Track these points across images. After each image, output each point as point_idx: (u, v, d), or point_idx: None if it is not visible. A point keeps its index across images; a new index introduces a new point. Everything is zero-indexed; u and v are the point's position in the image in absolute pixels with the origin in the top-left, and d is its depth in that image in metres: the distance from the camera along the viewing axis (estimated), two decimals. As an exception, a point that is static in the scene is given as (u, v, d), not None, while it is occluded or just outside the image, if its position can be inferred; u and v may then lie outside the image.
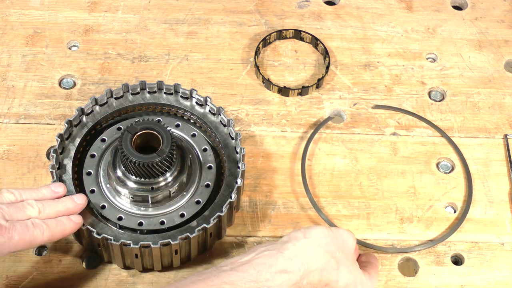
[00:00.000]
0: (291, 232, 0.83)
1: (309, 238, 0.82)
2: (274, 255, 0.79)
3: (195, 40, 1.16)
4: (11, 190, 0.86)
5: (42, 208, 0.85)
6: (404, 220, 0.99)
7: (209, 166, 0.97)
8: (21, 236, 0.81)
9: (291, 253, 0.80)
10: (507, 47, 1.18)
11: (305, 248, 0.81)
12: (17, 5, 1.18)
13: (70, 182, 0.93)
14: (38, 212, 0.84)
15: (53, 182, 0.90)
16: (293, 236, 0.82)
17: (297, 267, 0.79)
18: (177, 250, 0.89)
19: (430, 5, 1.23)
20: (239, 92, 1.10)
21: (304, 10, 1.21)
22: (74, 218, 0.87)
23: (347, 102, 1.10)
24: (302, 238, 0.82)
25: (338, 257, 0.82)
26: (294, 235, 0.82)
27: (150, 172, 0.89)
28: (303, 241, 0.81)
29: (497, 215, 1.00)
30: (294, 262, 0.79)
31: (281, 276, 0.78)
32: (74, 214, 0.87)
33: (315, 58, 1.16)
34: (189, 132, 1.00)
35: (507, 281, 0.94)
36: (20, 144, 1.03)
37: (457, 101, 1.11)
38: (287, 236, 0.83)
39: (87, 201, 0.90)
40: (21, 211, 0.83)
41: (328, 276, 0.81)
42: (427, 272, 0.95)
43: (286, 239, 0.82)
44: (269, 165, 1.03)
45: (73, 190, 0.92)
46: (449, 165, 1.05)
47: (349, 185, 1.02)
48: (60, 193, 0.89)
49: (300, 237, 0.82)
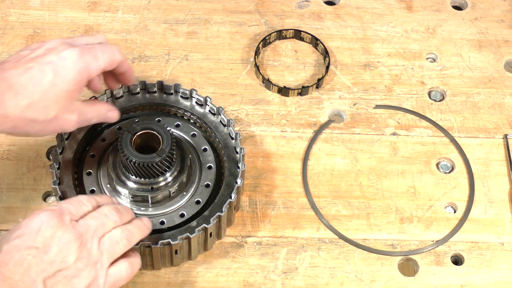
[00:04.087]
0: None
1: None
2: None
3: (195, 40, 1.16)
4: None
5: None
6: (404, 220, 0.99)
7: (209, 166, 0.97)
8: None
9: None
10: (507, 47, 1.18)
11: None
12: (17, 5, 1.18)
13: (70, 182, 0.93)
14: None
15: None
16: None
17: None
18: (177, 250, 0.89)
19: (430, 5, 1.23)
20: (239, 92, 1.10)
21: (304, 10, 1.21)
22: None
23: (347, 102, 1.10)
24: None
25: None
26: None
27: (150, 172, 0.89)
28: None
29: (497, 215, 1.00)
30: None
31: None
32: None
33: (315, 58, 1.16)
34: (189, 132, 1.00)
35: (507, 281, 0.94)
36: (20, 144, 1.03)
37: (457, 101, 1.11)
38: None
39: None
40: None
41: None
42: (427, 272, 0.95)
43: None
44: (269, 165, 1.03)
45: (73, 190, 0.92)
46: (449, 165, 1.05)
47: (349, 185, 1.02)
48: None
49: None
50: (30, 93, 0.82)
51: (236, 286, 0.93)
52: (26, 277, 0.73)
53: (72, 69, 0.84)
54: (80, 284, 0.76)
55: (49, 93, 0.83)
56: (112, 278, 0.79)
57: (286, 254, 0.95)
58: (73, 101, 0.86)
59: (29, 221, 0.77)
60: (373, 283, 0.94)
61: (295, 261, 0.95)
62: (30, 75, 0.82)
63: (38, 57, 0.84)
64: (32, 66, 0.83)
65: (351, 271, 0.94)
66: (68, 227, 0.77)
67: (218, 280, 0.93)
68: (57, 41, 0.87)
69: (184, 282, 0.93)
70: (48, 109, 0.83)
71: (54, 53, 0.84)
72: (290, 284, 0.93)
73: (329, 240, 0.97)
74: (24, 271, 0.73)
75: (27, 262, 0.74)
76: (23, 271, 0.73)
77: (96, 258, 0.78)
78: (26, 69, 0.83)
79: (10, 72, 0.82)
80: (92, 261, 0.77)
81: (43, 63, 0.83)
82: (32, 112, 0.82)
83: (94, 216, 0.80)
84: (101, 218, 0.80)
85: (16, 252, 0.74)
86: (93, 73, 0.86)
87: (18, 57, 0.85)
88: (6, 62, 0.85)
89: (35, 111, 0.83)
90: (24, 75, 0.82)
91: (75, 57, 0.84)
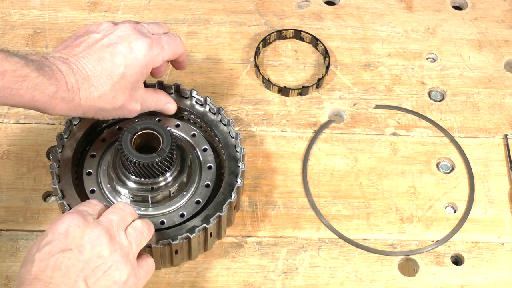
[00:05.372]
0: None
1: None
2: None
3: (195, 40, 1.16)
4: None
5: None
6: (404, 220, 0.99)
7: (209, 166, 0.97)
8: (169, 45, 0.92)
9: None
10: (507, 47, 1.18)
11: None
12: (17, 5, 1.18)
13: (70, 182, 0.92)
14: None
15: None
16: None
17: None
18: (177, 250, 0.89)
19: (430, 5, 1.23)
20: (239, 92, 1.10)
21: (304, 10, 1.21)
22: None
23: (347, 102, 1.10)
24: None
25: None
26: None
27: (150, 172, 0.89)
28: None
29: (497, 215, 1.00)
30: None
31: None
32: None
33: (315, 58, 1.16)
34: (189, 132, 1.00)
35: (507, 281, 0.94)
36: (20, 144, 1.03)
37: (457, 101, 1.11)
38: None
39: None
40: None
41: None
42: (427, 272, 0.95)
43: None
44: (269, 165, 1.03)
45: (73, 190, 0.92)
46: (449, 165, 1.05)
47: (349, 185, 1.02)
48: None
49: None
50: (102, 84, 0.87)
51: (236, 286, 0.93)
52: (66, 279, 0.73)
53: (142, 61, 0.89)
54: (121, 275, 0.76)
55: (119, 84, 0.88)
56: (145, 268, 0.80)
57: (286, 254, 0.95)
58: (138, 90, 0.91)
59: (54, 226, 0.77)
60: (373, 283, 0.94)
61: (295, 261, 0.95)
62: (103, 66, 0.87)
63: (110, 46, 0.88)
64: (105, 57, 0.87)
65: (351, 271, 0.94)
66: (93, 224, 0.78)
67: (218, 280, 0.93)
68: (127, 28, 0.90)
69: (184, 282, 0.93)
70: (116, 99, 0.88)
71: (125, 44, 0.88)
72: (290, 284, 0.93)
73: (329, 240, 0.97)
74: (63, 274, 0.73)
75: (64, 265, 0.74)
76: (62, 274, 0.73)
77: (128, 249, 0.78)
78: (99, 59, 0.86)
79: (85, 61, 0.86)
80: (125, 251, 0.78)
81: (115, 54, 0.87)
82: (102, 102, 0.87)
83: (113, 212, 0.81)
84: (119, 212, 0.81)
85: (50, 257, 0.74)
86: (158, 64, 0.91)
87: (90, 40, 0.88)
88: (77, 46, 0.88)
89: (105, 101, 0.88)
90: (97, 66, 0.86)
91: (144, 50, 0.89)
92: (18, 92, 0.81)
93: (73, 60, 0.86)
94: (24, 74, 0.81)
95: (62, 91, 0.84)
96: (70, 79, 0.85)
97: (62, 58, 0.86)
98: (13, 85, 0.81)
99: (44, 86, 0.83)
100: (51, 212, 0.97)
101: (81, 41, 0.89)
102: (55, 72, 0.84)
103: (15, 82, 0.81)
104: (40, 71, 0.82)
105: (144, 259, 0.82)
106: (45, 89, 0.83)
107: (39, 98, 0.83)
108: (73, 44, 0.89)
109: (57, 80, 0.84)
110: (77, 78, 0.85)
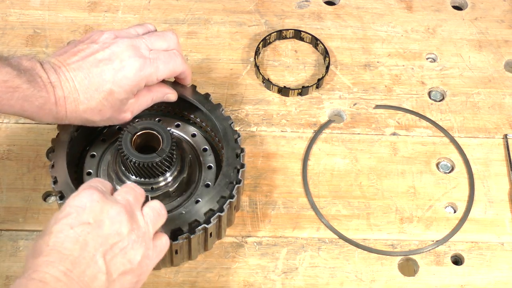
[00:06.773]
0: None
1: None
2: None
3: (195, 40, 1.16)
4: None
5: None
6: (404, 220, 0.99)
7: (209, 166, 0.97)
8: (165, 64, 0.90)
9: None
10: (507, 47, 1.18)
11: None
12: (17, 5, 1.18)
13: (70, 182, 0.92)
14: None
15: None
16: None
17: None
18: (177, 250, 0.89)
19: (430, 5, 1.23)
20: (239, 92, 1.10)
21: (304, 10, 1.21)
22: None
23: (347, 102, 1.10)
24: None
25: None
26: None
27: (150, 172, 0.89)
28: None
29: (497, 215, 1.00)
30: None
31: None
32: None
33: (315, 58, 1.16)
34: (189, 132, 1.00)
35: (507, 281, 0.94)
36: (20, 144, 1.03)
37: (457, 101, 1.11)
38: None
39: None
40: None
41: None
42: (427, 272, 0.95)
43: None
44: (269, 165, 1.03)
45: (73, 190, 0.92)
46: (449, 165, 1.05)
47: (349, 185, 1.02)
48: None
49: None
50: (88, 98, 0.87)
51: (236, 286, 0.93)
52: (85, 252, 0.72)
53: (132, 80, 0.88)
54: (136, 255, 0.75)
55: (106, 100, 0.88)
56: (158, 249, 0.80)
57: (286, 254, 0.95)
58: (127, 103, 0.91)
59: (72, 200, 0.76)
60: (373, 283, 0.94)
61: (295, 261, 0.95)
62: (91, 81, 0.87)
63: (103, 61, 0.88)
64: (95, 71, 0.87)
65: (351, 271, 0.94)
66: (112, 200, 0.77)
67: (218, 280, 0.93)
68: (124, 44, 0.89)
69: (184, 282, 0.93)
70: (104, 112, 0.89)
71: (118, 61, 0.88)
72: (290, 284, 0.93)
73: (329, 240, 0.97)
74: (81, 247, 0.72)
75: (83, 238, 0.72)
76: (80, 247, 0.72)
77: (145, 229, 0.78)
78: (89, 73, 0.87)
79: (75, 74, 0.86)
80: (142, 232, 0.77)
81: (106, 70, 0.87)
82: (88, 115, 0.88)
83: (127, 191, 0.80)
84: (132, 192, 0.80)
85: (69, 229, 0.72)
86: (152, 82, 0.91)
87: (88, 51, 0.88)
88: (74, 54, 0.88)
89: (91, 115, 0.88)
90: (85, 80, 0.87)
91: (135, 69, 0.88)
92: (9, 102, 0.82)
93: (64, 70, 0.86)
94: (15, 85, 0.82)
95: (50, 103, 0.85)
96: (57, 92, 0.85)
97: (56, 66, 0.86)
98: (4, 95, 0.82)
99: (34, 98, 0.84)
100: (51, 212, 0.97)
101: (80, 49, 0.89)
102: (45, 84, 0.85)
103: (6, 93, 0.82)
104: (32, 82, 0.83)
105: (158, 238, 0.80)
106: (35, 101, 0.84)
107: (28, 108, 0.84)
108: (72, 50, 0.89)
109: (47, 92, 0.85)
110: (64, 91, 0.86)
